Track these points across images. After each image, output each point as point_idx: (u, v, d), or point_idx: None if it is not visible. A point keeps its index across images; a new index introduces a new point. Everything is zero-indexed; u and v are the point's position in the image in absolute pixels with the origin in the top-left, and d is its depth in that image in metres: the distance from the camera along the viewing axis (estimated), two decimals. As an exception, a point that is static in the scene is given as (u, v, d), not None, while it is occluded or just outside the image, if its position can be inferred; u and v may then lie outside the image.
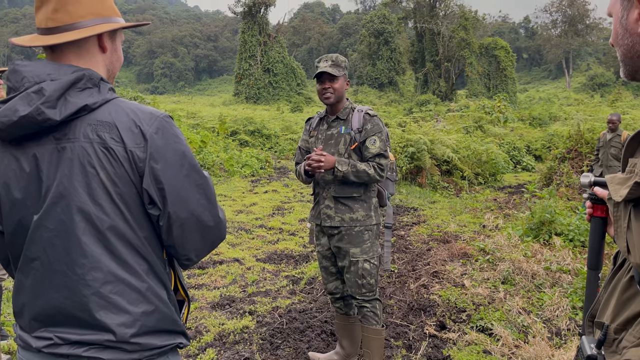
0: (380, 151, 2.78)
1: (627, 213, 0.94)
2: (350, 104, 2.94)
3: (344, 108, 2.91)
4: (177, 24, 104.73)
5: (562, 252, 5.31)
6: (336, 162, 2.75)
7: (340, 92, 2.85)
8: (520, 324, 3.81)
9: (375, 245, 2.93)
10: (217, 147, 14.05)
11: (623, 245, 0.95)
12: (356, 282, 2.90)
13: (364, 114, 2.85)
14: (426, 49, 41.78)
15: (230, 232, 6.72)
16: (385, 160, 2.78)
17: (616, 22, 0.99)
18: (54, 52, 1.27)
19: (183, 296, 1.45)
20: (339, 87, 2.83)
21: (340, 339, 3.27)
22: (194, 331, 3.73)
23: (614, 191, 0.97)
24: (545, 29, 67.00)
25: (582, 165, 9.22)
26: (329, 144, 2.90)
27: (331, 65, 2.83)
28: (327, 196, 2.92)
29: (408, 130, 11.97)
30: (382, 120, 2.93)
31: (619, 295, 1.04)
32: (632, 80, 1.04)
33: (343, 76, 2.86)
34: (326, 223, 2.92)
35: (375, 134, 2.79)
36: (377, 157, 2.78)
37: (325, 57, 2.88)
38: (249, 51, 41.68)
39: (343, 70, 2.85)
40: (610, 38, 1.04)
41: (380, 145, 2.78)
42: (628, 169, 0.97)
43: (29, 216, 1.20)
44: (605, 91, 45.86)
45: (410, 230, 6.98)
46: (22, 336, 1.27)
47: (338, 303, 3.18)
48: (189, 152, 1.28)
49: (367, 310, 2.95)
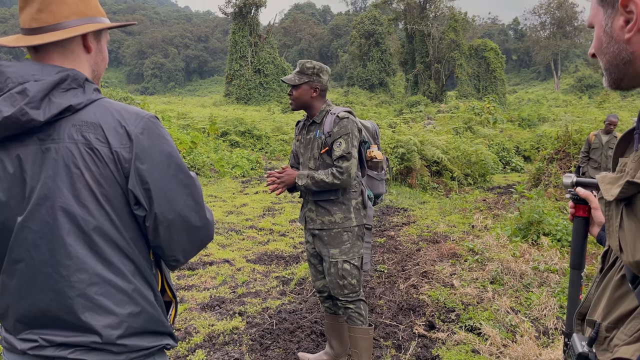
0: (343, 153, 2.76)
1: (619, 212, 0.95)
2: (327, 107, 2.94)
3: (319, 112, 2.93)
4: (168, 24, 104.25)
5: (549, 252, 5.36)
6: (296, 177, 2.84)
7: (300, 99, 2.88)
8: (509, 324, 3.84)
9: (356, 246, 2.94)
10: (208, 147, 14.00)
11: (615, 245, 0.96)
12: (337, 283, 2.92)
13: (335, 117, 2.84)
14: (416, 50, 41.94)
15: (220, 233, 6.70)
16: (346, 163, 2.75)
17: (599, 31, 1.00)
18: (38, 52, 1.26)
19: (170, 297, 1.45)
20: (298, 95, 2.87)
21: (329, 339, 3.28)
22: (183, 332, 3.71)
23: (605, 191, 0.98)
24: (534, 30, 67.52)
25: (569, 166, 9.31)
26: (308, 148, 2.96)
27: (296, 72, 2.88)
28: (309, 200, 2.98)
29: (398, 131, 12.02)
30: (356, 121, 2.90)
31: (611, 294, 1.05)
32: (616, 89, 1.05)
33: (306, 83, 2.86)
34: (309, 225, 2.99)
35: (341, 136, 2.78)
36: (338, 160, 2.77)
37: (298, 62, 2.93)
38: (240, 52, 41.59)
39: (308, 77, 2.85)
40: (591, 48, 1.06)
41: (344, 148, 2.77)
42: (619, 169, 0.99)
43: (12, 217, 1.19)
44: (593, 93, 46.29)
45: (400, 231, 7.00)
46: (7, 338, 1.26)
47: (327, 302, 3.19)
48: (176, 153, 1.28)
49: (352, 311, 2.97)
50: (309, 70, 2.87)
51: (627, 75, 0.99)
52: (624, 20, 0.94)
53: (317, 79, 2.88)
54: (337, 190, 2.87)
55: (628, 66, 0.97)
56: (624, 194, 0.92)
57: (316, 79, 2.88)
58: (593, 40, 1.06)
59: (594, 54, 1.05)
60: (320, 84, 2.90)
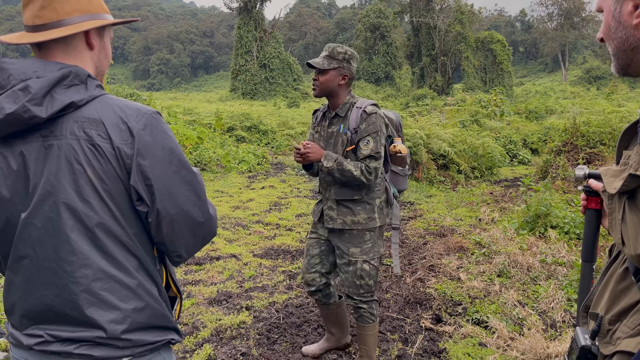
0: (372, 153, 2.62)
1: (622, 205, 0.94)
2: (352, 99, 2.77)
3: (343, 103, 2.76)
4: (173, 20, 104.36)
5: (557, 244, 5.33)
6: (323, 155, 2.66)
7: (326, 85, 2.70)
8: (516, 317, 3.83)
9: (377, 246, 2.81)
10: (214, 143, 14.02)
11: (618, 237, 0.95)
12: (354, 283, 2.81)
13: (362, 112, 2.67)
14: (422, 44, 41.71)
15: (227, 228, 6.72)
16: (375, 163, 2.62)
17: (608, 16, 0.99)
18: (41, 49, 1.26)
19: (175, 292, 1.45)
20: (324, 81, 2.69)
21: (328, 327, 3.20)
22: (190, 327, 3.73)
23: (608, 183, 0.98)
24: (541, 22, 67.00)
25: (577, 159, 9.23)
26: (329, 142, 2.78)
27: (325, 56, 2.70)
28: (329, 197, 2.81)
29: (404, 124, 11.96)
30: (383, 116, 2.76)
31: (614, 287, 1.05)
32: (623, 75, 1.04)
33: (335, 69, 2.68)
34: (328, 225, 2.80)
35: (369, 134, 2.63)
36: (367, 159, 2.63)
37: (327, 46, 2.75)
38: (245, 47, 41.54)
39: (338, 63, 2.68)
40: (600, 32, 1.04)
41: (373, 147, 2.62)
42: (622, 161, 0.98)
43: (16, 214, 1.20)
44: (601, 84, 45.89)
45: (406, 225, 6.99)
46: (13, 334, 1.28)
47: (316, 295, 3.03)
48: (178, 148, 1.28)
49: (364, 310, 2.88)
50: (339, 55, 2.69)
51: (635, 62, 0.98)
52: (633, 5, 0.93)
53: (347, 66, 2.72)
54: (362, 188, 2.73)
55: (635, 52, 0.96)
56: (627, 187, 0.92)
57: (346, 66, 2.72)
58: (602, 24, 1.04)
59: (602, 38, 1.04)
60: (349, 71, 2.74)
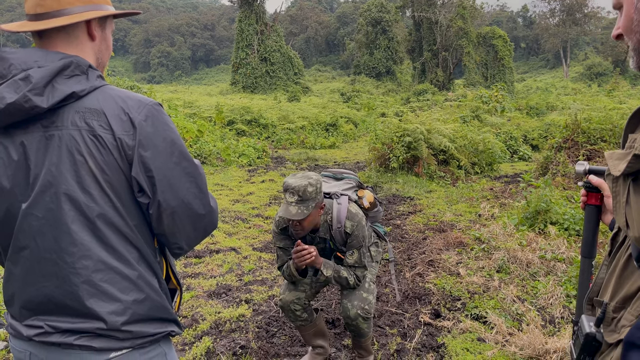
0: (356, 264, 2.79)
1: (626, 188, 0.93)
2: (325, 216, 2.74)
3: (321, 224, 2.77)
4: (174, 12, 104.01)
5: (557, 240, 5.33)
6: (322, 263, 2.75)
7: (312, 224, 2.63)
8: (515, 312, 3.84)
9: (373, 268, 3.06)
10: (214, 136, 14.00)
11: (622, 221, 0.95)
12: (361, 296, 2.89)
13: (344, 233, 2.71)
14: (424, 38, 41.55)
15: (226, 222, 6.72)
16: (361, 271, 2.81)
17: (630, 8, 0.96)
18: (42, 39, 1.25)
19: (175, 284, 1.45)
20: (308, 223, 2.60)
21: (316, 344, 3.17)
22: (190, 319, 3.74)
23: (612, 166, 0.97)
24: (543, 18, 66.76)
25: (578, 155, 9.21)
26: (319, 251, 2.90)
27: (297, 202, 2.49)
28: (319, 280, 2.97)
29: (405, 119, 11.92)
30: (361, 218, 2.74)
31: (619, 274, 1.05)
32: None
33: (314, 207, 2.53)
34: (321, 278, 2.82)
35: (354, 248, 2.76)
36: (355, 269, 2.81)
37: (291, 190, 2.49)
38: (246, 40, 41.36)
39: (313, 201, 2.51)
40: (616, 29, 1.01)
41: (357, 259, 2.78)
42: (628, 144, 0.96)
43: (17, 204, 1.20)
44: (602, 81, 45.75)
45: (406, 220, 6.99)
46: (13, 325, 1.27)
47: (301, 318, 3.01)
48: (179, 140, 1.27)
49: (365, 327, 2.92)
50: (311, 193, 2.50)
51: None
52: None
53: (320, 196, 2.57)
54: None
55: None
56: (631, 168, 0.91)
57: (319, 197, 2.57)
58: (620, 20, 1.01)
59: (620, 34, 1.01)
60: (322, 197, 2.61)
